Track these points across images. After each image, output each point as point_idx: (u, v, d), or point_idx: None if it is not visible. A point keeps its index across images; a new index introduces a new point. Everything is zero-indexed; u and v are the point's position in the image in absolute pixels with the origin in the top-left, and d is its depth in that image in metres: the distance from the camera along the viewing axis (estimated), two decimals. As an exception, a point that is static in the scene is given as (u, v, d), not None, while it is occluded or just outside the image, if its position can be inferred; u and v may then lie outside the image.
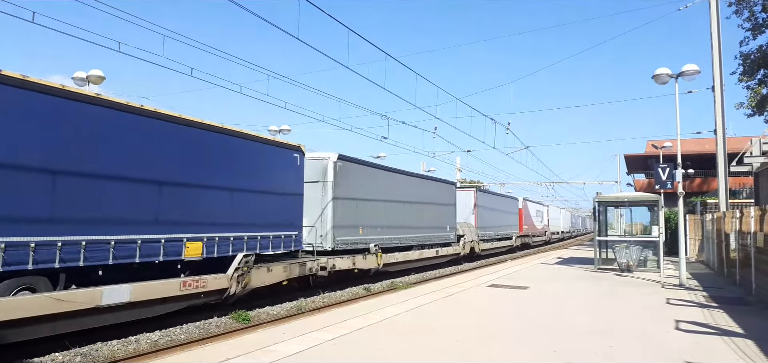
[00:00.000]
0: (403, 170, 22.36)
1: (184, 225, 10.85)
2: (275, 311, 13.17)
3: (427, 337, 8.53)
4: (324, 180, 16.66)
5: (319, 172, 16.70)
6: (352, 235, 17.68)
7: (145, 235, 9.95)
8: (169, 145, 10.77)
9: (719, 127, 20.67)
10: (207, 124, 11.66)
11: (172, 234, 10.53)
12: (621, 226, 23.13)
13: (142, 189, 10.12)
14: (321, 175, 16.68)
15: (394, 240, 20.58)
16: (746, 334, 8.84)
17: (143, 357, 8.81)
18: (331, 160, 16.77)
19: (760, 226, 12.75)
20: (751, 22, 25.92)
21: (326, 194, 16.62)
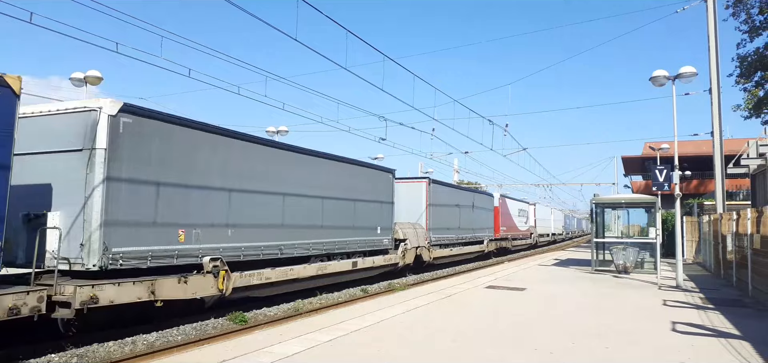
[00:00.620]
0: (289, 145, 15.43)
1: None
2: (272, 313, 13.16)
3: (425, 338, 8.53)
4: (90, 147, 9.47)
5: (80, 135, 9.59)
6: (156, 241, 10.41)
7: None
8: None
9: (716, 129, 20.72)
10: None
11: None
12: (618, 227, 23.17)
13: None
14: (83, 139, 9.55)
15: (260, 248, 13.24)
16: (742, 335, 8.87)
17: (140, 358, 8.78)
18: (106, 113, 9.49)
19: (756, 228, 12.79)
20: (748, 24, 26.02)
21: (93, 172, 9.43)
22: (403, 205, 22.62)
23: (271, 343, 7.91)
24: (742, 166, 22.16)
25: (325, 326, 9.20)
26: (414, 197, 23.68)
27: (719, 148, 20.63)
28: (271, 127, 27.77)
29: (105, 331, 9.79)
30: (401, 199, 22.09)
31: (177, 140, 10.98)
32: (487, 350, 7.81)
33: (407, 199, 23.15)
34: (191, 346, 9.23)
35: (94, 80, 18.77)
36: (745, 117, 27.17)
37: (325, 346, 7.87)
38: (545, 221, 55.58)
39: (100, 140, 9.41)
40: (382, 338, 8.49)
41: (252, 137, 13.77)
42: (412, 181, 25.03)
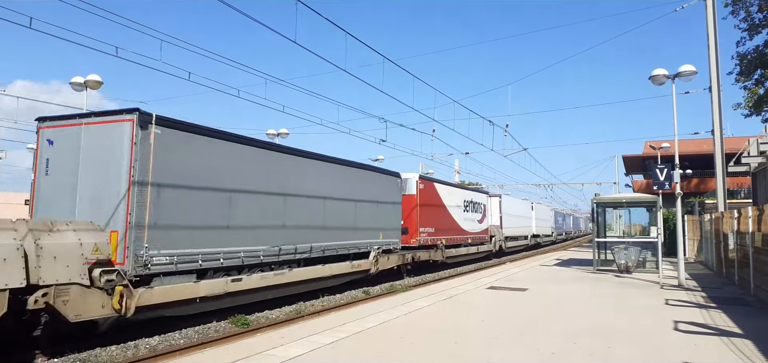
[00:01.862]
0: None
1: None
2: (274, 315, 13.16)
3: (427, 339, 8.53)
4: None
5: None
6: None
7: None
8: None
9: (717, 128, 20.71)
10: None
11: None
12: (619, 227, 23.17)
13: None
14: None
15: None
16: (745, 334, 8.86)
17: (142, 362, 8.80)
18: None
19: (758, 226, 12.78)
20: (748, 22, 25.99)
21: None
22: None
23: (273, 345, 7.91)
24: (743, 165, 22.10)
25: (326, 328, 9.20)
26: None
27: (720, 147, 20.62)
28: (271, 130, 27.81)
29: (107, 335, 9.80)
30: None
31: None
32: (489, 351, 7.81)
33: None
34: (194, 349, 9.25)
35: (94, 84, 18.82)
36: (746, 115, 27.13)
37: (327, 348, 7.87)
38: (521, 219, 42.16)
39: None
40: (384, 340, 8.49)
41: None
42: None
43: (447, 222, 25.97)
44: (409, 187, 22.62)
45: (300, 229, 14.52)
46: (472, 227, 29.85)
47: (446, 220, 25.87)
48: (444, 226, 25.52)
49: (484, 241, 32.13)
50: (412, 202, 22.47)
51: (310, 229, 15.00)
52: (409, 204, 22.16)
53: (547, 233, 55.56)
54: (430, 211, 23.87)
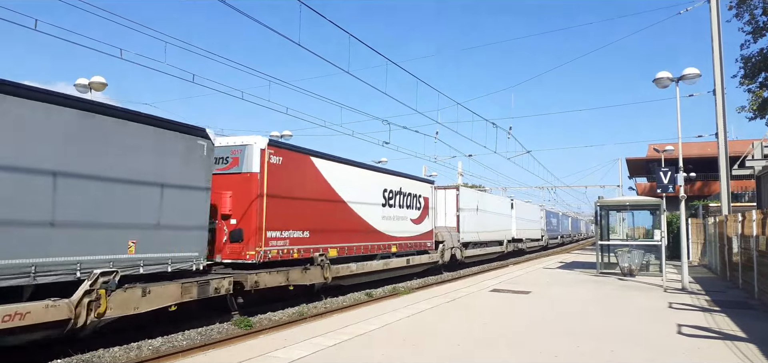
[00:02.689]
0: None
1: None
2: (277, 317, 13.17)
3: (430, 342, 8.52)
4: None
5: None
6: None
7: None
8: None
9: (721, 131, 20.66)
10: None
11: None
12: (623, 230, 23.11)
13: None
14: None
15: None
16: (749, 338, 8.82)
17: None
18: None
19: (762, 230, 12.73)
20: (752, 25, 25.98)
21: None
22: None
23: (276, 347, 7.92)
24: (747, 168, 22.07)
25: (329, 331, 9.20)
26: None
27: (724, 150, 20.57)
28: (275, 132, 27.87)
29: (110, 337, 9.82)
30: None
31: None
32: (492, 353, 7.80)
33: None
34: (196, 350, 9.25)
35: (98, 86, 18.89)
36: (750, 118, 27.09)
37: (330, 350, 7.87)
38: (491, 219, 32.80)
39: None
40: (387, 342, 8.49)
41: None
42: None
43: (341, 221, 16.93)
44: (248, 160, 13.30)
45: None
46: (400, 229, 20.86)
47: (339, 219, 16.75)
48: (332, 226, 16.31)
49: (424, 248, 22.99)
50: (253, 186, 13.15)
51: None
52: (246, 189, 13.15)
53: (535, 237, 45.64)
54: (294, 205, 14.42)
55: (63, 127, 8.54)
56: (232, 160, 13.43)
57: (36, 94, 8.27)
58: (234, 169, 13.38)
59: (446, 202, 27.46)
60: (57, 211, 8.38)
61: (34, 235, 8.10)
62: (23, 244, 7.91)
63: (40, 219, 8.17)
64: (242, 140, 13.55)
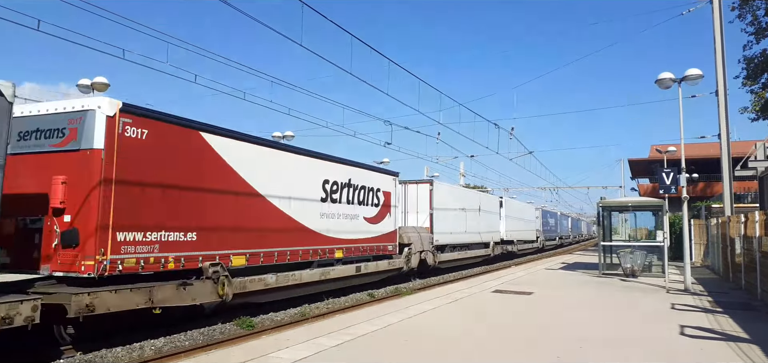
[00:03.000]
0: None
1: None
2: (279, 318, 13.17)
3: (432, 343, 8.52)
4: None
5: None
6: None
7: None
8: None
9: (723, 132, 20.62)
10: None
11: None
12: (625, 231, 23.09)
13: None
14: None
15: None
16: (751, 339, 8.81)
17: (148, 364, 8.83)
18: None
19: (765, 231, 12.70)
20: (755, 26, 25.93)
21: None
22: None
23: (278, 348, 7.92)
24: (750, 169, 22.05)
25: (331, 331, 9.21)
26: None
27: (726, 151, 20.53)
28: (276, 132, 27.90)
29: (113, 337, 9.83)
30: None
31: None
32: (494, 354, 7.79)
33: None
34: (199, 351, 9.26)
35: (101, 86, 18.92)
36: (753, 119, 27.00)
37: (332, 351, 7.87)
38: (473, 219, 28.59)
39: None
40: (389, 343, 8.49)
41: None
42: None
43: (254, 219, 12.87)
44: (89, 132, 9.42)
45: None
46: (348, 230, 16.83)
47: (250, 216, 12.74)
48: (237, 226, 12.30)
49: (383, 253, 19.03)
50: (93, 168, 9.36)
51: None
52: (84, 173, 9.36)
53: (529, 238, 41.96)
54: (169, 196, 10.58)
55: None
56: (69, 133, 9.52)
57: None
58: (71, 145, 9.44)
59: (418, 198, 23.85)
60: None
61: None
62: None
63: None
64: (82, 104, 9.61)
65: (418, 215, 23.65)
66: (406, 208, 23.30)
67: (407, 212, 23.29)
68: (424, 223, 23.47)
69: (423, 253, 21.90)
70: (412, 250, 20.90)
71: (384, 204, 19.18)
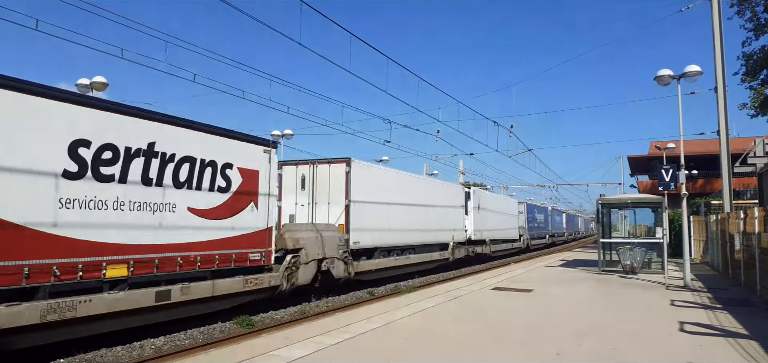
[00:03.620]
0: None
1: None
2: (279, 316, 13.18)
3: (432, 341, 8.53)
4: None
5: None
6: None
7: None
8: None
9: (722, 128, 20.63)
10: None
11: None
12: (625, 228, 23.09)
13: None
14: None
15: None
16: (751, 335, 8.82)
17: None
18: None
19: (764, 227, 12.72)
20: (753, 22, 25.93)
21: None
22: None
23: (277, 346, 7.93)
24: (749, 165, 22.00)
25: (331, 329, 9.22)
26: None
27: (726, 147, 20.54)
28: (275, 131, 27.88)
29: (112, 336, 9.84)
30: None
31: None
32: (494, 351, 7.80)
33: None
34: (199, 350, 9.27)
35: (99, 86, 18.91)
36: (752, 115, 27.03)
37: (332, 349, 7.88)
38: (431, 214, 23.56)
39: None
40: (389, 341, 8.50)
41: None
42: None
43: None
44: None
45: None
46: (150, 227, 10.23)
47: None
48: None
49: (242, 263, 12.45)
50: None
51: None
52: None
53: (509, 237, 36.45)
54: None
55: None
56: None
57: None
58: None
59: (331, 184, 17.82)
60: None
61: None
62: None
63: None
64: None
65: (330, 208, 17.76)
66: (315, 198, 18.01)
67: (316, 203, 18.00)
68: (337, 218, 17.69)
69: (326, 261, 15.45)
70: (301, 258, 14.40)
71: (243, 189, 12.48)
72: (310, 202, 18.10)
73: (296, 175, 18.38)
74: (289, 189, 18.42)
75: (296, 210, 18.32)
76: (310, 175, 18.18)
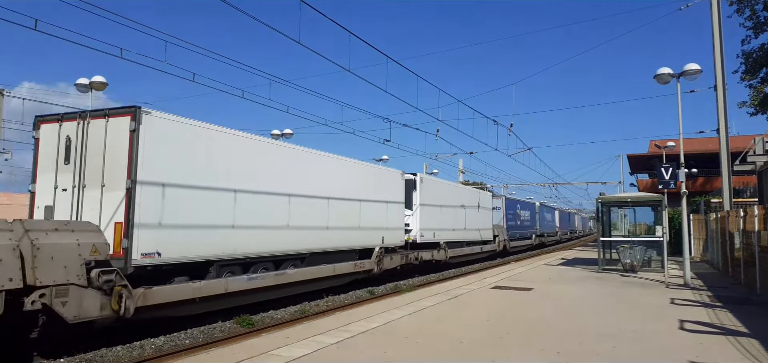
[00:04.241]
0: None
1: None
2: (279, 316, 13.19)
3: (432, 340, 8.52)
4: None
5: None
6: None
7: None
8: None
9: (722, 126, 20.63)
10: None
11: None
12: (625, 226, 23.10)
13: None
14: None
15: None
16: (751, 333, 8.82)
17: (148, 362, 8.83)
18: None
19: (764, 225, 12.72)
20: (753, 20, 25.91)
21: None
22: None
23: (278, 345, 7.92)
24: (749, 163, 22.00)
25: (331, 328, 9.21)
26: None
27: (725, 145, 20.55)
28: (275, 131, 27.87)
29: (113, 336, 9.84)
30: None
31: None
32: (494, 350, 7.80)
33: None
34: (199, 349, 9.27)
35: (99, 86, 18.90)
36: (751, 113, 27.01)
37: (332, 348, 7.87)
38: (334, 208, 16.28)
39: None
40: (389, 340, 8.49)
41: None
42: None
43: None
44: None
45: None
46: None
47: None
48: None
49: None
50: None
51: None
52: None
53: (480, 239, 29.57)
54: None
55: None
56: None
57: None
58: None
59: (107, 153, 10.63)
60: None
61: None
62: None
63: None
64: None
65: (104, 194, 10.51)
66: (83, 177, 10.75)
67: (84, 187, 10.72)
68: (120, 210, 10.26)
69: (40, 292, 8.05)
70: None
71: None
72: (77, 184, 10.74)
73: (58, 139, 11.06)
74: (47, 162, 11.15)
75: (55, 197, 10.87)
76: (78, 138, 10.87)
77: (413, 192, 21.93)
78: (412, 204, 21.90)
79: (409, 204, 21.60)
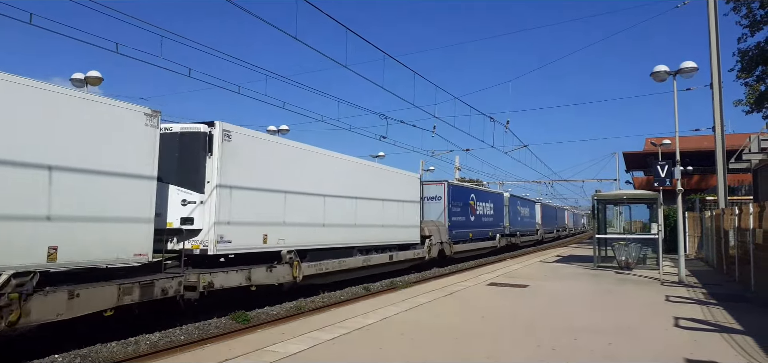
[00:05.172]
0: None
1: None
2: (275, 311, 13.17)
3: (427, 336, 8.52)
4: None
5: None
6: None
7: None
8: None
9: (718, 124, 20.67)
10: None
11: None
12: (620, 223, 23.17)
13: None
14: None
15: None
16: (745, 330, 8.85)
17: (143, 358, 8.80)
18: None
19: (758, 223, 12.76)
20: (749, 18, 25.91)
21: None
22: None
23: (273, 341, 7.91)
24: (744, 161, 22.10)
25: (327, 325, 9.20)
26: None
27: (721, 143, 20.58)
28: (271, 126, 27.79)
29: (108, 331, 9.80)
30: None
31: None
32: (490, 346, 7.80)
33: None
34: (194, 345, 9.25)
35: (94, 81, 18.79)
36: (747, 112, 27.01)
37: (328, 344, 7.86)
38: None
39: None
40: (384, 337, 8.49)
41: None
42: None
43: None
44: None
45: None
46: None
47: None
48: None
49: None
50: None
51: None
52: None
53: (396, 243, 20.82)
54: None
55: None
56: None
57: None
58: None
59: None
60: None
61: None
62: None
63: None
64: None
65: None
66: None
67: None
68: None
69: None
70: None
71: None
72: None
73: None
74: None
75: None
76: None
77: (205, 158, 11.81)
78: (201, 181, 11.74)
79: (196, 182, 11.72)
